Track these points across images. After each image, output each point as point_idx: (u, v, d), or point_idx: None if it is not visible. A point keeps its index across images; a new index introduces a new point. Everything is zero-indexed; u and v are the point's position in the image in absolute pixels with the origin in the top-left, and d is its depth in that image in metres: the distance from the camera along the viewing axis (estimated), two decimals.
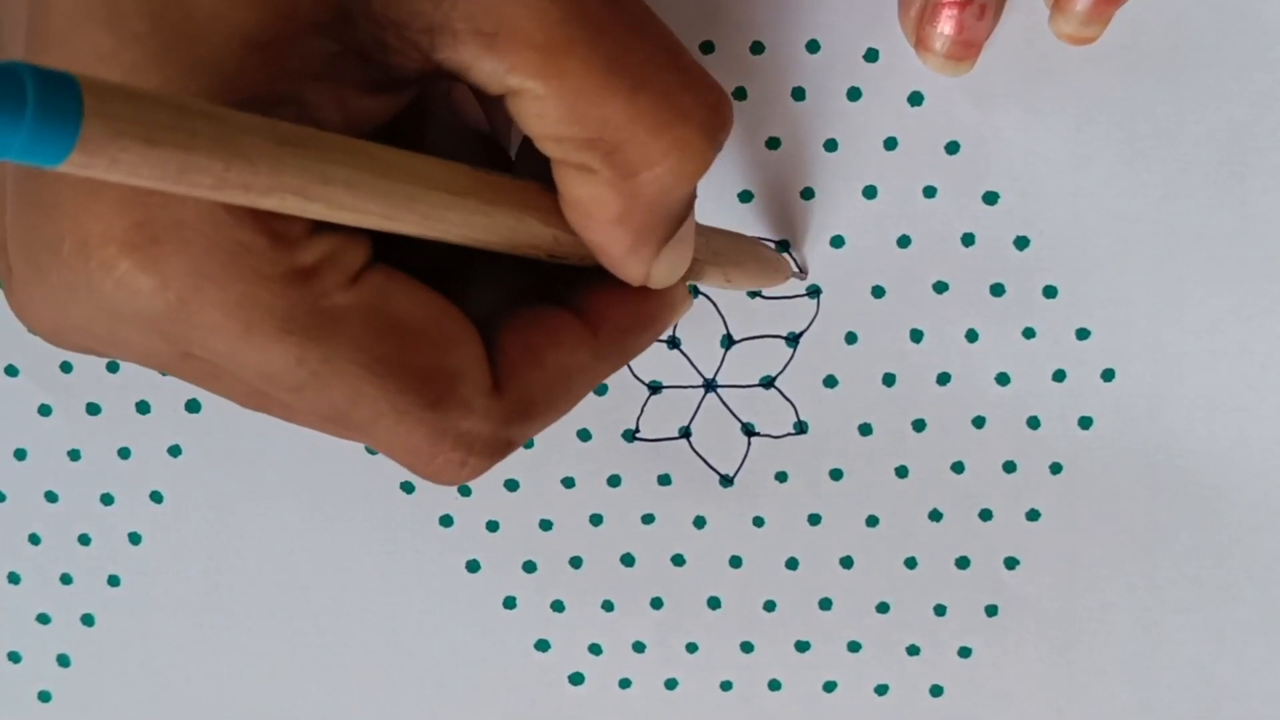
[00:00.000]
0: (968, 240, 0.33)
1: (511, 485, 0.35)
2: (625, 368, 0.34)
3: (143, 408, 0.35)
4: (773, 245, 0.33)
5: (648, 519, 0.35)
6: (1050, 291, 0.33)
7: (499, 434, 0.26)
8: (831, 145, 0.33)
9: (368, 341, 0.24)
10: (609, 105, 0.24)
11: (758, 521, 0.35)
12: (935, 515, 0.35)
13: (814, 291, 0.33)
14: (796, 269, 0.33)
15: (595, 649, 0.36)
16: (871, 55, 0.32)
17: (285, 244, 0.23)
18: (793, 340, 0.34)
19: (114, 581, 0.35)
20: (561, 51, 0.23)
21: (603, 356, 0.28)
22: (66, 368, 0.34)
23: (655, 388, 0.34)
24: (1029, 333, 0.34)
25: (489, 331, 0.26)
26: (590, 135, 0.24)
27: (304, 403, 0.25)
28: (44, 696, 0.36)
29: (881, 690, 0.36)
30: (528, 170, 0.26)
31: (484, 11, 0.23)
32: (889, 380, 0.34)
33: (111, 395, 0.35)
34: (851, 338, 0.34)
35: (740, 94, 0.32)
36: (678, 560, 0.35)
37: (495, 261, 0.27)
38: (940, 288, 0.33)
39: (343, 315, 0.24)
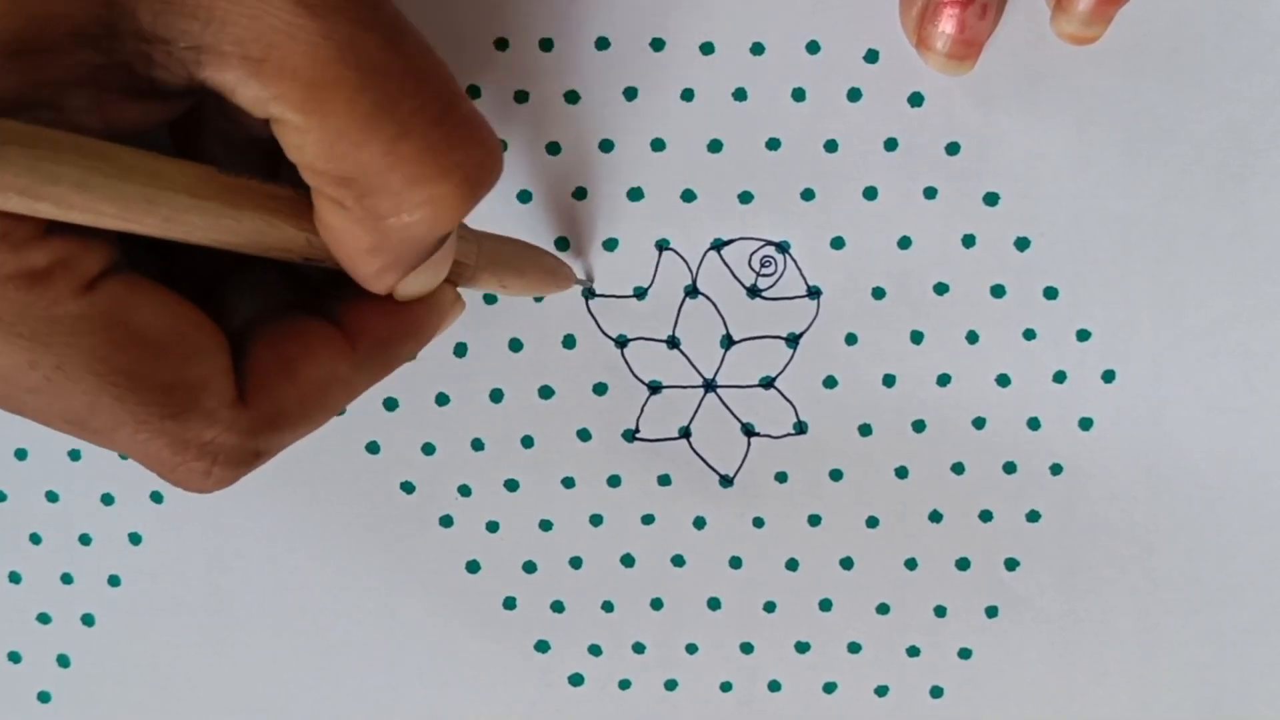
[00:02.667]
0: (968, 241, 0.33)
1: (511, 485, 0.35)
2: (625, 368, 0.34)
3: None
4: (554, 251, 0.33)
5: (647, 519, 0.35)
6: (1050, 292, 0.33)
7: (245, 445, 0.26)
8: (831, 145, 0.33)
9: (105, 351, 0.24)
10: (367, 150, 0.23)
11: (758, 522, 0.35)
12: (935, 516, 0.35)
13: (814, 292, 0.33)
14: (582, 277, 0.33)
15: (595, 650, 0.36)
16: (871, 55, 0.32)
17: (10, 245, 0.22)
18: (793, 341, 0.34)
19: (114, 581, 0.35)
20: (327, 89, 0.23)
21: (362, 368, 0.28)
22: None
23: (655, 388, 0.34)
24: (1029, 334, 0.34)
25: (244, 341, 0.26)
26: (346, 175, 0.24)
27: (42, 405, 0.24)
28: (44, 697, 0.36)
29: (881, 691, 0.36)
30: (295, 178, 0.26)
31: (254, 38, 0.23)
32: (889, 381, 0.34)
33: None
34: (852, 338, 0.34)
35: (740, 94, 0.32)
36: (677, 561, 0.35)
37: (256, 271, 0.27)
38: (941, 289, 0.33)
39: (77, 323, 0.24)
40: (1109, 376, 0.34)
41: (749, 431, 0.34)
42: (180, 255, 0.26)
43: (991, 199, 0.33)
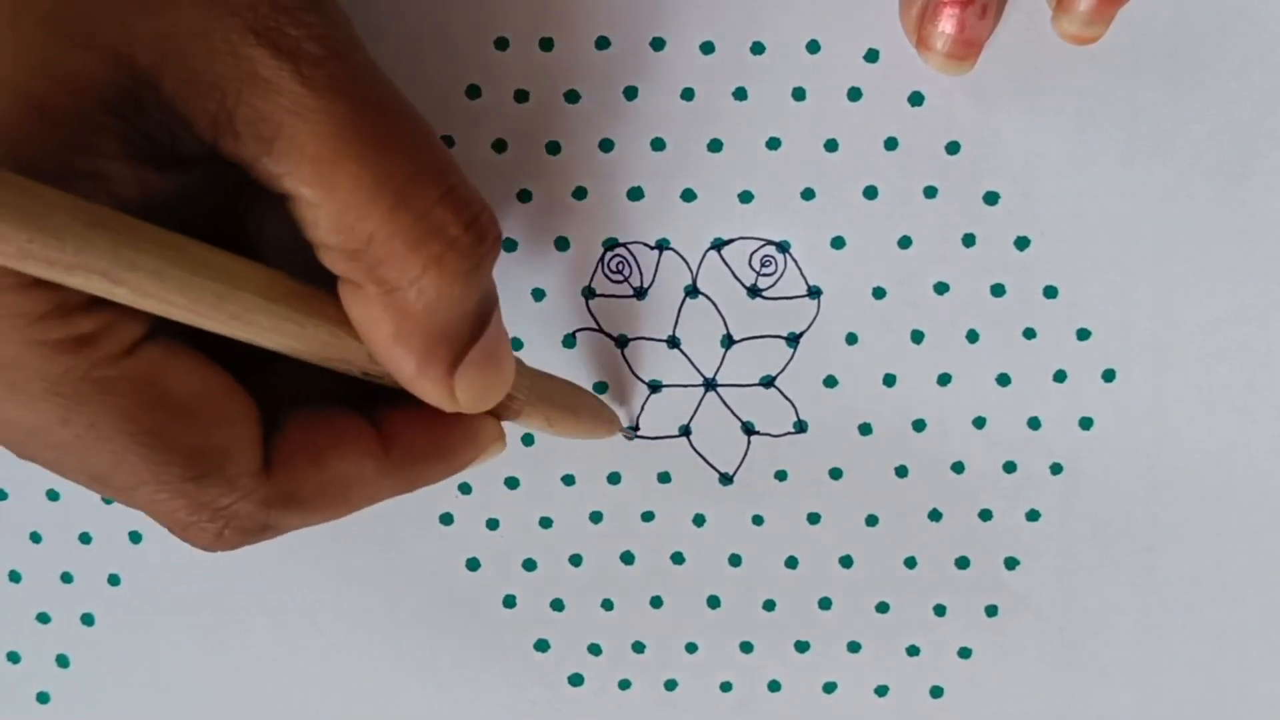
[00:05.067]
0: (968, 241, 0.33)
1: (511, 483, 0.35)
2: (625, 367, 0.34)
3: None
4: (600, 398, 0.34)
5: (647, 517, 0.35)
6: (1050, 292, 0.33)
7: (258, 516, 0.27)
8: (831, 145, 0.33)
9: (136, 412, 0.25)
10: (371, 220, 0.24)
11: (757, 520, 0.35)
12: (935, 515, 0.35)
13: (815, 292, 0.33)
14: (628, 427, 0.34)
15: (595, 649, 0.36)
16: (871, 55, 0.32)
17: (63, 313, 0.23)
18: (793, 340, 0.34)
19: (114, 581, 0.35)
20: (332, 164, 0.24)
21: (389, 475, 0.28)
22: None
23: (655, 386, 0.34)
24: (1029, 333, 0.34)
25: (279, 417, 0.27)
26: (355, 248, 0.25)
27: (67, 460, 0.25)
28: (43, 697, 0.36)
29: (881, 691, 0.36)
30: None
31: (263, 118, 0.24)
32: (889, 380, 0.34)
33: None
34: (852, 338, 0.34)
35: (740, 94, 0.32)
36: (677, 559, 0.35)
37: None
38: (941, 288, 0.33)
39: (113, 385, 0.24)
40: (1109, 376, 0.34)
41: (749, 430, 0.34)
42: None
43: (991, 198, 0.33)
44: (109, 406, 0.24)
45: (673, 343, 0.34)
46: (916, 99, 0.32)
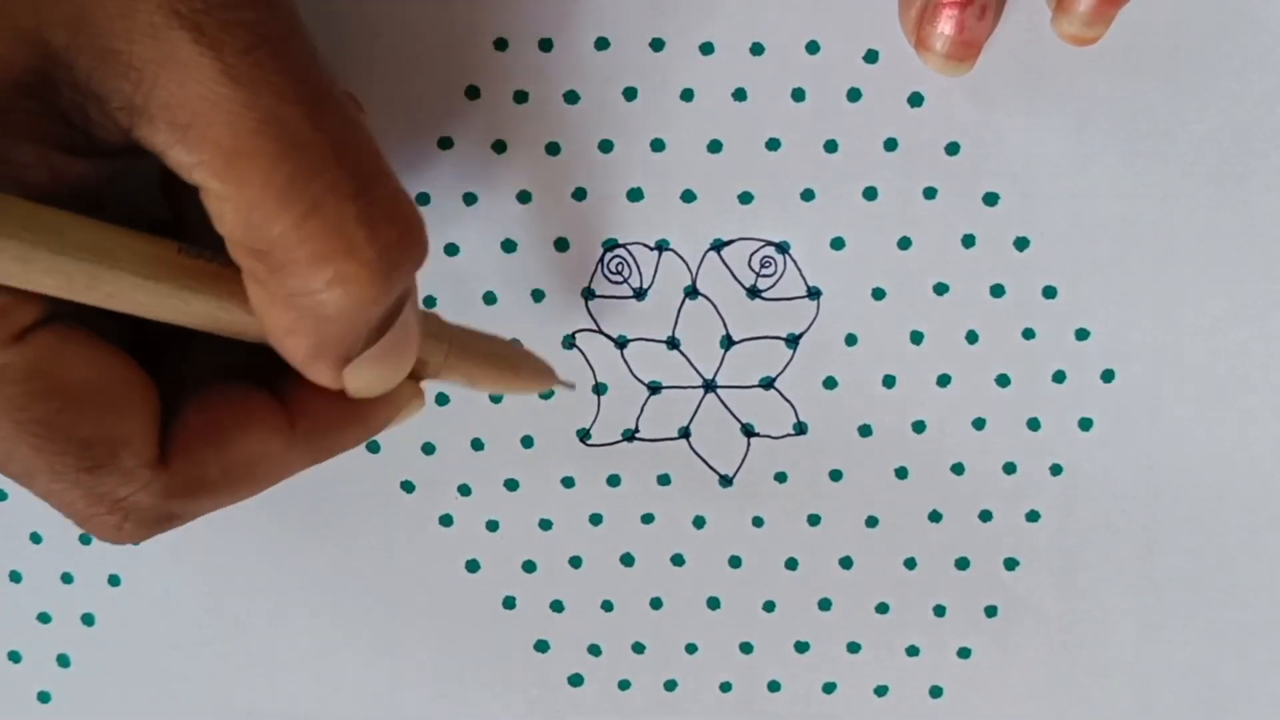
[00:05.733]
0: (968, 241, 0.33)
1: (511, 485, 0.35)
2: (625, 368, 0.34)
3: None
4: (527, 349, 0.33)
5: (647, 519, 0.35)
6: (1050, 292, 0.33)
7: (159, 506, 0.26)
8: (831, 145, 0.33)
9: (26, 401, 0.24)
10: (278, 224, 0.23)
11: (757, 522, 0.35)
12: (935, 516, 0.35)
13: (814, 293, 0.33)
14: (567, 381, 0.33)
15: (594, 650, 0.36)
16: (871, 55, 0.32)
17: None
18: (792, 341, 0.34)
19: (114, 581, 0.35)
20: (245, 160, 0.23)
21: (297, 449, 0.27)
22: None
23: (655, 388, 0.34)
24: (1029, 333, 0.34)
25: (178, 402, 0.26)
26: (259, 248, 0.24)
27: None
28: (44, 697, 0.36)
29: (881, 691, 0.36)
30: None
31: (180, 104, 0.23)
32: (889, 381, 0.34)
33: None
34: (852, 339, 0.34)
35: (740, 94, 0.32)
36: (677, 560, 0.35)
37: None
38: (940, 289, 0.33)
39: (2, 371, 0.24)
40: (1109, 376, 0.34)
41: (749, 432, 0.34)
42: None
43: (991, 199, 0.33)
44: None
45: (672, 344, 0.34)
46: (916, 99, 0.32)
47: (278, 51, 0.23)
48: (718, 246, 0.33)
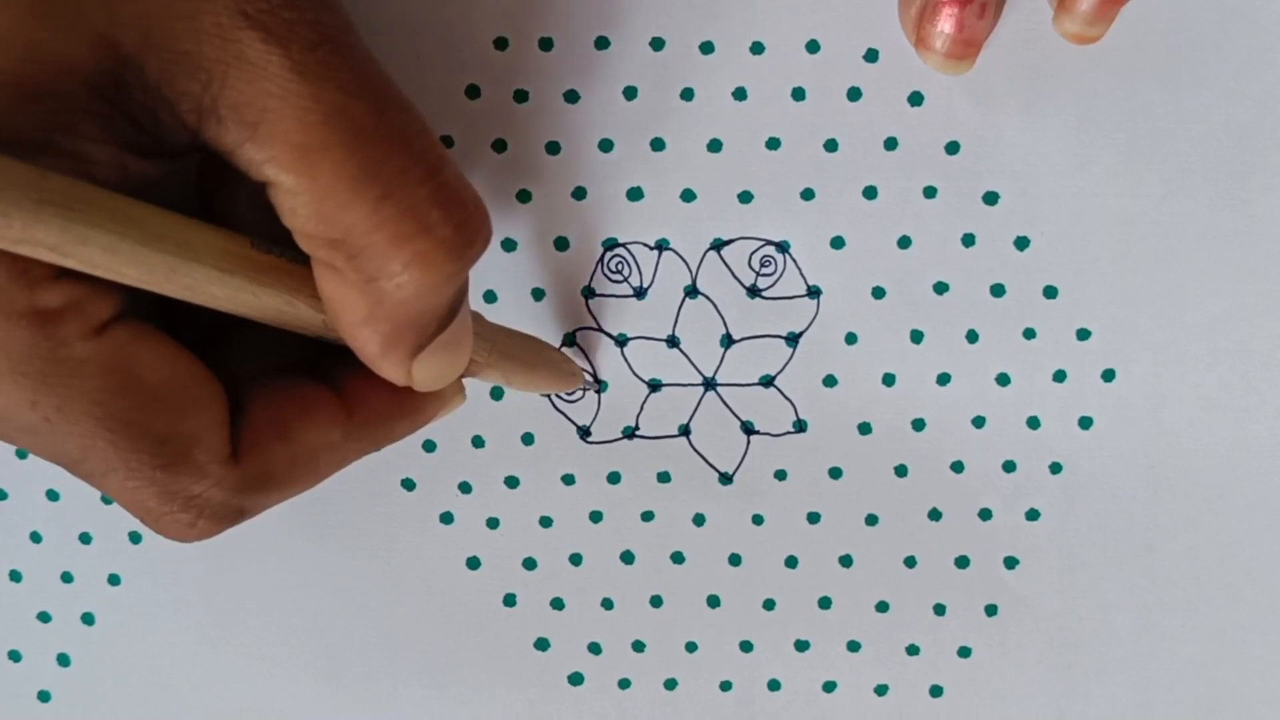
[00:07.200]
0: (968, 240, 0.33)
1: (511, 482, 0.35)
2: (625, 366, 0.34)
3: None
4: (562, 350, 0.33)
5: (647, 516, 0.35)
6: (1050, 291, 0.33)
7: (230, 501, 0.26)
8: (831, 145, 0.33)
9: (104, 396, 0.24)
10: (354, 211, 0.24)
11: (757, 520, 0.35)
12: (935, 515, 0.35)
13: (814, 292, 0.33)
14: (591, 380, 0.34)
15: (594, 648, 0.36)
16: (871, 55, 0.32)
17: (27, 283, 0.23)
18: (792, 340, 0.34)
19: (114, 580, 0.35)
20: (316, 152, 0.24)
21: (354, 439, 0.28)
22: None
23: (655, 386, 0.34)
24: (1029, 333, 0.34)
25: (243, 397, 0.27)
26: (335, 237, 0.24)
27: (40, 444, 0.25)
28: (44, 696, 0.36)
29: (881, 690, 0.36)
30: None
31: (248, 103, 0.24)
32: (889, 380, 0.34)
33: None
34: (852, 338, 0.34)
35: (740, 94, 0.32)
36: (677, 558, 0.35)
37: (265, 326, 0.27)
38: (940, 288, 0.33)
39: (81, 367, 0.24)
40: (1109, 376, 0.34)
41: (748, 429, 0.34)
42: (183, 303, 0.26)
43: (991, 198, 0.33)
44: (76, 390, 0.24)
45: (672, 342, 0.34)
46: (916, 99, 0.32)
47: (340, 48, 0.24)
48: (718, 246, 0.33)
